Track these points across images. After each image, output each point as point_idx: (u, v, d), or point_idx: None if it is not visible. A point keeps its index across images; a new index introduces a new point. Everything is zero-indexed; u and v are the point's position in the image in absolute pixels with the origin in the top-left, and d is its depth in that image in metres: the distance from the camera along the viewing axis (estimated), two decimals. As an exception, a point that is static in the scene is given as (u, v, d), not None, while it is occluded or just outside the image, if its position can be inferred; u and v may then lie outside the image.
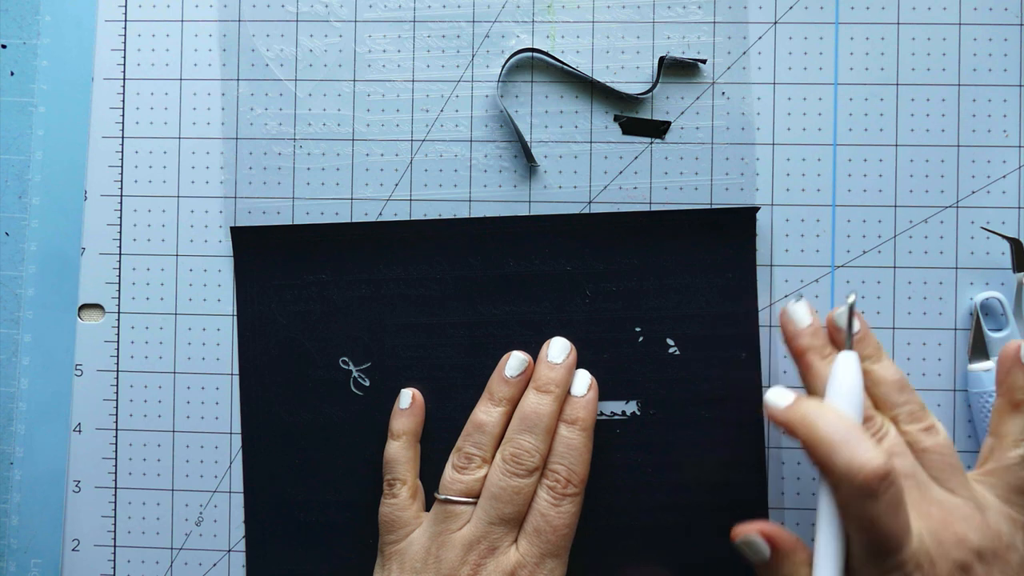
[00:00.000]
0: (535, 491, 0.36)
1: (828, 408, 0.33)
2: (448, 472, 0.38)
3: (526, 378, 0.39)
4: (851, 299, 0.35)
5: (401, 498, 0.38)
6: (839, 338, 0.37)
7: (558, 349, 0.39)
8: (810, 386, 0.36)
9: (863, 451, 0.30)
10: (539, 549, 0.35)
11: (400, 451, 0.39)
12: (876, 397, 0.35)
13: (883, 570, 0.30)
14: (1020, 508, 0.33)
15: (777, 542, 0.33)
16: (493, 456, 0.38)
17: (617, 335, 0.41)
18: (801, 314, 0.37)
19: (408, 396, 0.40)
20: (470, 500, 0.37)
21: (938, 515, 0.32)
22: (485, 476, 0.37)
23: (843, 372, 0.34)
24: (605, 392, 0.41)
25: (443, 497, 0.37)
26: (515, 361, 0.39)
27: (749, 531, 0.34)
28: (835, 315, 0.37)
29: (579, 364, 0.41)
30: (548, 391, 0.37)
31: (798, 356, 0.36)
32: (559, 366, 0.38)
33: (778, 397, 0.34)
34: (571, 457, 0.36)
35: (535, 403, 0.37)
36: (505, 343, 0.41)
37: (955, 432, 0.41)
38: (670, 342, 0.41)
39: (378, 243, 0.42)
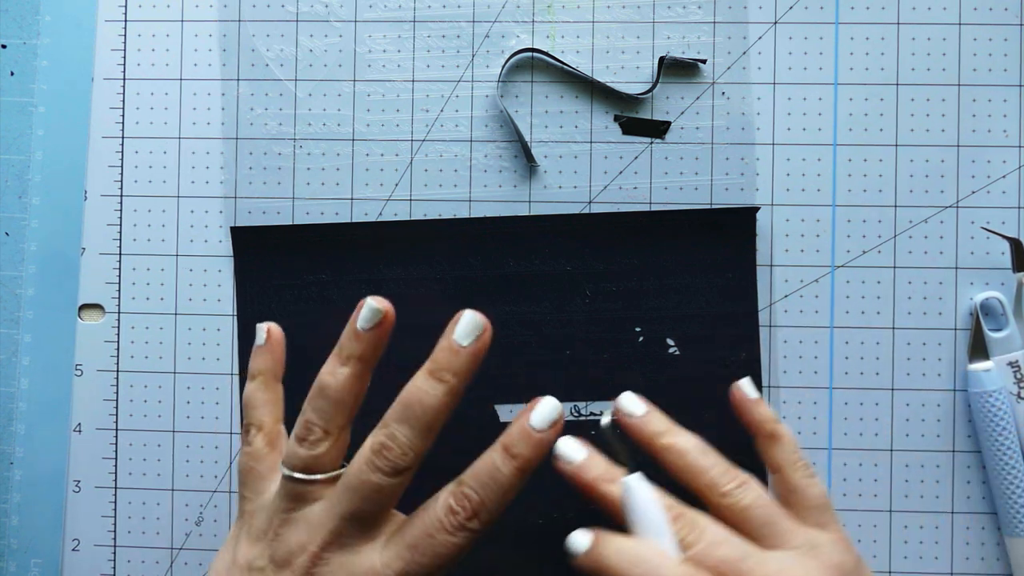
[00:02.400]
0: (402, 491, 0.31)
1: (624, 543, 0.29)
2: (290, 441, 0.31)
3: (381, 333, 0.31)
4: (607, 419, 0.32)
5: (256, 446, 0.33)
6: (747, 407, 0.34)
7: (466, 328, 0.30)
8: (614, 515, 0.31)
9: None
10: (406, 567, 0.29)
11: (255, 392, 0.34)
12: (681, 468, 0.32)
13: None
14: (833, 525, 0.32)
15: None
16: (343, 427, 0.31)
17: (617, 335, 0.41)
18: (571, 450, 0.32)
19: (263, 331, 0.34)
20: (313, 478, 0.30)
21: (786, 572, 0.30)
22: (329, 452, 0.31)
23: (635, 498, 0.30)
24: (605, 392, 0.41)
25: (284, 472, 0.31)
26: (367, 311, 0.31)
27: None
28: (742, 385, 0.34)
29: (579, 364, 0.41)
30: (442, 380, 0.30)
31: (587, 492, 0.32)
32: (463, 351, 0.30)
33: (577, 542, 0.30)
34: (491, 491, 0.30)
35: (422, 389, 0.30)
36: (505, 343, 0.41)
37: (955, 432, 0.41)
38: (670, 342, 0.41)
39: (378, 243, 0.42)
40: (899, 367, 0.41)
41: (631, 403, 0.33)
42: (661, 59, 0.41)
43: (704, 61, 0.41)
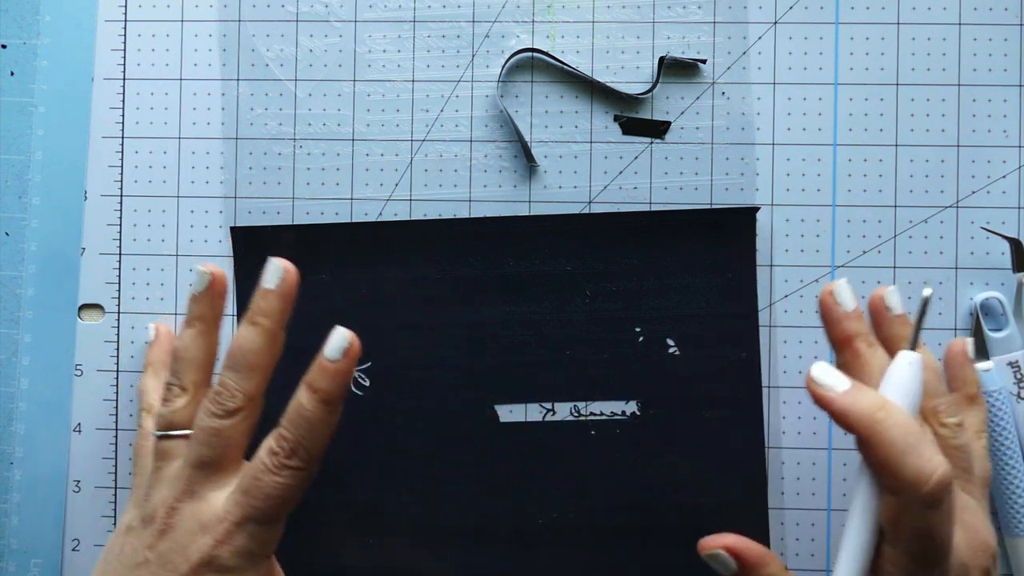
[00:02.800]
0: (243, 435, 0.33)
1: (894, 406, 0.29)
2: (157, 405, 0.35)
3: (214, 295, 0.34)
4: (927, 292, 0.31)
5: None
6: (886, 320, 0.34)
7: (271, 272, 0.33)
8: (855, 376, 0.32)
9: (930, 457, 0.28)
10: (243, 511, 0.31)
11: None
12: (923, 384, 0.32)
13: None
14: (988, 501, 0.33)
15: (743, 556, 0.32)
16: (197, 384, 0.34)
17: (617, 335, 0.41)
18: (848, 295, 0.33)
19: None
20: (173, 434, 0.33)
21: (969, 521, 0.31)
22: (185, 408, 0.33)
23: (906, 373, 0.30)
24: (605, 392, 0.41)
25: (153, 434, 0.34)
26: (195, 276, 0.34)
27: (713, 546, 0.32)
28: (886, 294, 0.34)
29: (579, 364, 0.41)
30: (256, 323, 0.33)
31: (844, 342, 0.33)
32: (271, 293, 0.33)
33: (832, 378, 0.30)
34: (302, 428, 0.31)
35: (241, 336, 0.33)
36: (505, 343, 0.41)
37: (955, 432, 0.41)
38: (670, 342, 0.41)
39: (378, 243, 0.42)
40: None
41: (894, 303, 0.34)
42: (661, 59, 0.41)
43: (704, 61, 0.41)
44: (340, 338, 0.32)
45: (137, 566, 0.32)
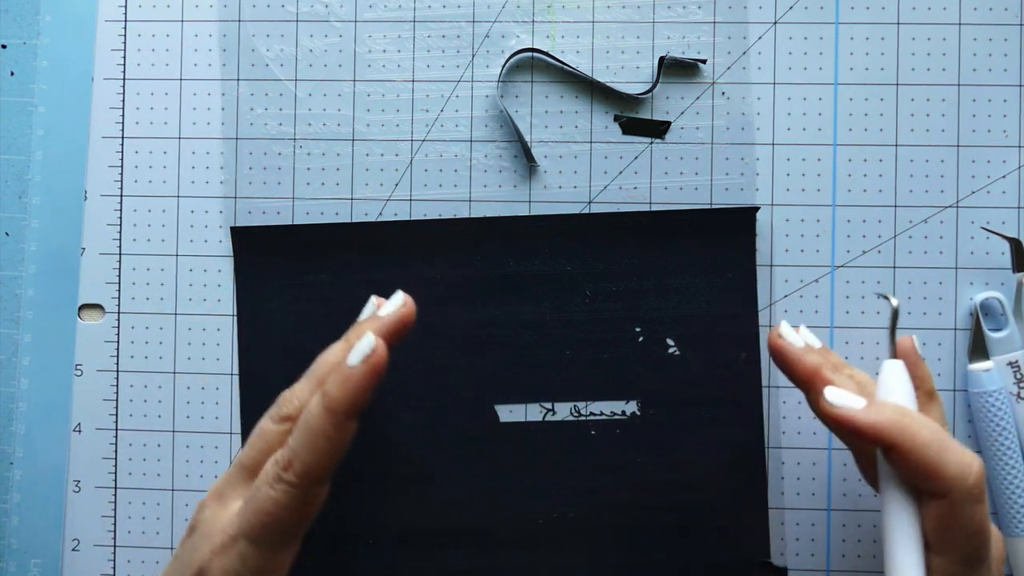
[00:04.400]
0: (279, 442, 0.30)
1: (914, 411, 0.29)
2: None
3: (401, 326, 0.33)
4: (896, 303, 0.32)
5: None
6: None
7: (391, 301, 0.32)
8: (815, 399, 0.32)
9: (963, 451, 0.28)
10: (240, 524, 0.28)
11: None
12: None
13: None
14: None
15: None
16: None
17: (617, 335, 0.41)
18: (794, 333, 0.34)
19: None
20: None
21: None
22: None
23: (900, 379, 0.31)
24: (605, 392, 0.41)
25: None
26: (394, 303, 0.33)
27: None
28: (790, 336, 0.34)
29: (579, 364, 0.41)
30: (348, 340, 0.31)
31: (810, 376, 0.32)
32: (378, 319, 0.32)
33: (847, 399, 0.30)
34: (304, 437, 0.28)
35: (328, 349, 0.31)
36: (505, 343, 0.41)
37: (955, 432, 0.41)
38: (670, 342, 0.41)
39: (378, 243, 0.42)
40: (899, 367, 0.41)
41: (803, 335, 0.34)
42: (661, 59, 0.41)
43: (704, 61, 0.41)
44: (364, 343, 0.28)
45: (174, 557, 0.30)
